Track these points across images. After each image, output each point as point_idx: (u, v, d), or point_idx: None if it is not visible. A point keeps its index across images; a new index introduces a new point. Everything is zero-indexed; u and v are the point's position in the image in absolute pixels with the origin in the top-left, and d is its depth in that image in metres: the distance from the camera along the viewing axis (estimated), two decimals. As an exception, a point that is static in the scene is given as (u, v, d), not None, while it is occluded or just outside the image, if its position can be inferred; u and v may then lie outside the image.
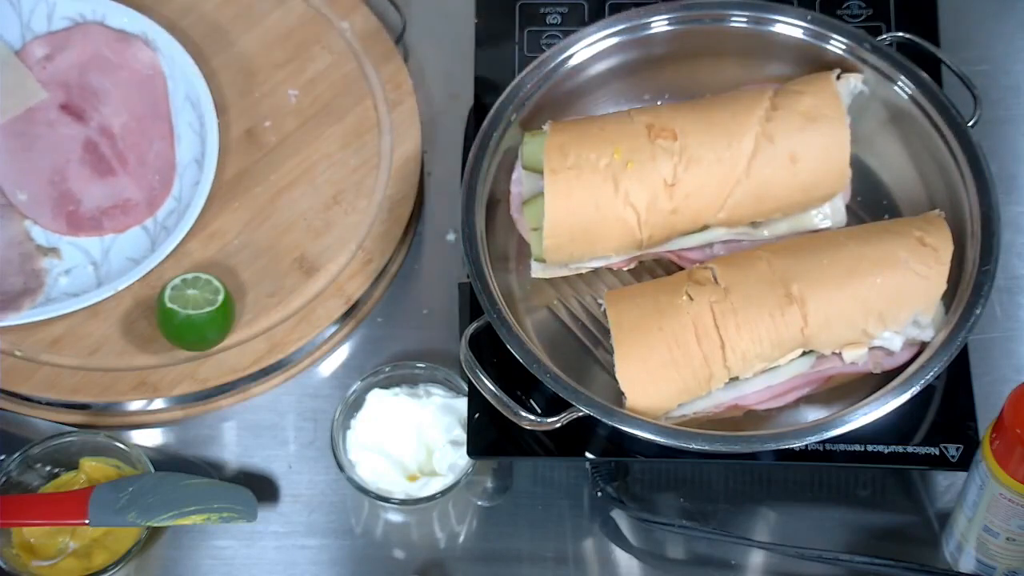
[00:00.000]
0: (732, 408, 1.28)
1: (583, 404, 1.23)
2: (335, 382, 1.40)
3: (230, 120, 1.49)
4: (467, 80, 1.47)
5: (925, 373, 1.25)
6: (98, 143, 1.47)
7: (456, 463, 1.32)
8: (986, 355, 1.39)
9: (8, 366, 1.37)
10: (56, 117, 1.48)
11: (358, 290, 1.42)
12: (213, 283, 1.36)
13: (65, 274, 1.42)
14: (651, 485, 1.35)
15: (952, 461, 1.27)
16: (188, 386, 1.37)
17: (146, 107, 1.49)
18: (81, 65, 1.50)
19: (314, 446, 1.37)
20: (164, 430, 1.39)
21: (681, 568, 1.33)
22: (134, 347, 1.38)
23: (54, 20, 1.51)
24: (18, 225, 1.44)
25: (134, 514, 1.29)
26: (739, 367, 1.26)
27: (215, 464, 1.37)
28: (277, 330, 1.40)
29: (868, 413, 1.23)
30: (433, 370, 1.37)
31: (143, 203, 1.45)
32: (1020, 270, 1.45)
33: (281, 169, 1.47)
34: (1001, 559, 1.26)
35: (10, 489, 1.32)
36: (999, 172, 1.33)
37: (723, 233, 1.35)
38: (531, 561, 1.33)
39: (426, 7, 1.58)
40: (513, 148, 1.37)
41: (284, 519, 1.35)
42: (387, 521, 1.35)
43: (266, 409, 1.39)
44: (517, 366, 1.26)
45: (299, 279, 1.42)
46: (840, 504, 1.34)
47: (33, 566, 1.30)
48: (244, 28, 1.53)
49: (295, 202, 1.46)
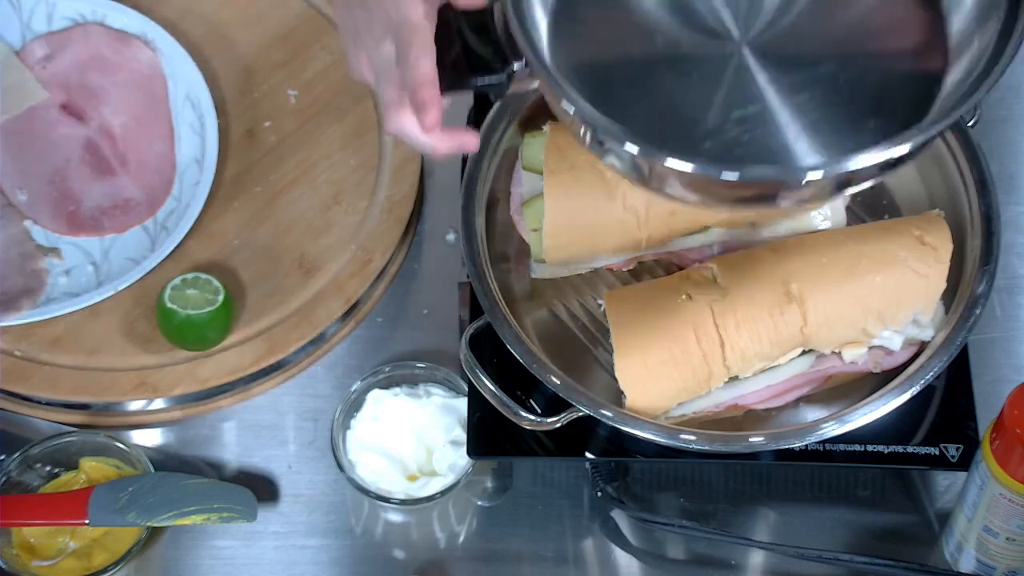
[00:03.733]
0: (732, 408, 1.28)
1: (583, 404, 1.23)
2: (335, 382, 1.40)
3: (230, 120, 1.49)
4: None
5: (925, 373, 1.25)
6: (98, 143, 1.47)
7: (456, 463, 1.32)
8: (986, 355, 1.39)
9: (8, 366, 1.37)
10: (56, 117, 1.48)
11: (358, 290, 1.42)
12: (213, 283, 1.36)
13: (65, 274, 1.42)
14: (651, 485, 1.35)
15: (952, 461, 1.27)
16: (188, 386, 1.37)
17: (146, 107, 1.49)
18: (81, 65, 1.50)
19: (314, 446, 1.37)
20: (164, 430, 1.39)
21: (681, 568, 1.33)
22: (134, 347, 1.39)
23: (54, 20, 1.51)
24: (18, 225, 1.44)
25: (134, 514, 1.29)
26: (738, 366, 1.26)
27: (215, 464, 1.37)
28: (277, 330, 1.40)
29: (868, 413, 1.23)
30: (433, 370, 1.37)
31: (143, 203, 1.45)
32: (1020, 270, 1.45)
33: (281, 169, 1.47)
34: (1001, 559, 1.26)
35: (10, 489, 1.32)
36: (999, 172, 1.34)
37: (723, 233, 1.35)
38: (531, 561, 1.33)
39: (426, 7, 1.58)
40: (513, 148, 1.37)
41: (284, 519, 1.35)
42: (387, 521, 1.35)
43: (266, 409, 1.40)
44: (517, 366, 1.26)
45: (299, 279, 1.42)
46: (840, 504, 1.34)
47: (33, 566, 1.30)
48: (244, 28, 1.54)
49: (295, 202, 1.46)
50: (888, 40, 1.20)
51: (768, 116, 1.14)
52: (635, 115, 1.14)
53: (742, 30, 1.17)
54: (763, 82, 1.15)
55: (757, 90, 1.15)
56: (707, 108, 1.15)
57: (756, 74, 1.15)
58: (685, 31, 1.18)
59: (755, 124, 1.14)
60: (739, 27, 1.17)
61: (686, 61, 1.17)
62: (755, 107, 1.14)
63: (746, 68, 1.16)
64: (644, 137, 1.10)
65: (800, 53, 1.17)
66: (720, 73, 1.15)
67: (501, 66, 1.14)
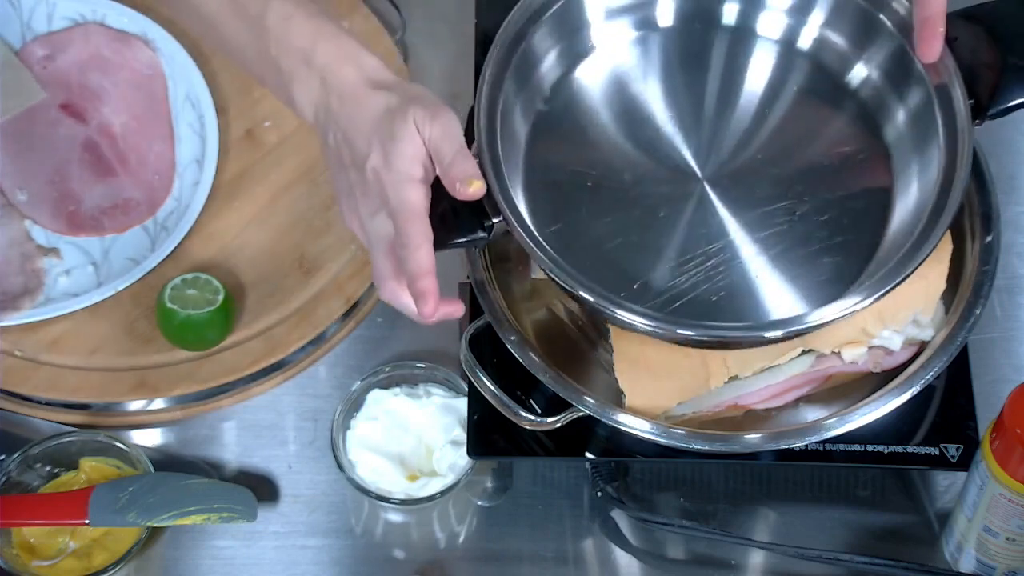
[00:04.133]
0: (732, 407, 1.28)
1: (583, 404, 1.23)
2: (335, 382, 1.40)
3: (230, 120, 1.49)
4: (467, 80, 1.47)
5: (925, 373, 1.25)
6: (98, 143, 1.47)
7: (456, 463, 1.32)
8: (986, 355, 1.39)
9: (8, 366, 1.37)
10: (56, 117, 1.48)
11: (358, 290, 1.42)
12: (213, 283, 1.36)
13: (65, 274, 1.42)
14: (651, 485, 1.35)
15: (952, 461, 1.27)
16: (188, 386, 1.37)
17: (146, 107, 1.49)
18: (81, 65, 1.50)
19: (314, 446, 1.37)
20: (164, 430, 1.39)
21: (681, 568, 1.33)
22: (134, 347, 1.39)
23: (54, 20, 1.51)
24: (18, 225, 1.44)
25: (134, 514, 1.29)
26: (739, 366, 1.26)
27: (215, 464, 1.37)
28: (277, 330, 1.40)
29: (868, 413, 1.23)
30: (433, 370, 1.37)
31: (143, 203, 1.45)
32: (1020, 270, 1.45)
33: (281, 169, 1.47)
34: (1001, 559, 1.26)
35: (10, 489, 1.32)
36: (999, 172, 1.33)
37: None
38: (531, 561, 1.33)
39: (426, 7, 1.58)
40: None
41: (284, 519, 1.35)
42: (387, 521, 1.35)
43: (266, 409, 1.40)
44: (517, 366, 1.26)
45: (299, 279, 1.42)
46: (840, 504, 1.34)
47: (33, 566, 1.30)
48: (244, 28, 1.53)
49: (295, 202, 1.46)
50: (841, 173, 1.27)
51: (733, 253, 1.23)
52: (605, 261, 1.22)
53: (702, 166, 1.26)
54: (725, 217, 1.24)
55: (720, 226, 1.24)
56: (674, 247, 1.23)
57: (719, 210, 1.24)
58: (652, 167, 1.26)
59: (720, 263, 1.22)
60: (699, 163, 1.26)
61: (652, 198, 1.25)
62: (719, 244, 1.23)
63: (709, 204, 1.24)
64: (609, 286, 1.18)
65: (759, 187, 1.25)
66: (683, 210, 1.24)
67: (482, 224, 1.17)
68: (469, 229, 1.17)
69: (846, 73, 1.30)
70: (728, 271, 1.22)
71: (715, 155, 1.27)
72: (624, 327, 1.19)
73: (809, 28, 1.31)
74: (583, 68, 1.31)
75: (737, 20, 1.32)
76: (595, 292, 1.18)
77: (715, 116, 1.29)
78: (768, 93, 1.30)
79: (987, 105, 1.23)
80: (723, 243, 1.23)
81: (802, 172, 1.27)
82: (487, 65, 1.25)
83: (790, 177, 1.26)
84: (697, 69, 1.31)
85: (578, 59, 1.31)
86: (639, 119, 1.29)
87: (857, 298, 1.17)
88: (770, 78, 1.31)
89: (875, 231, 1.24)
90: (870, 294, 1.17)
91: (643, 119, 1.28)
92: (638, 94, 1.30)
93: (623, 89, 1.30)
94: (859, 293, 1.18)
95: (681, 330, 1.18)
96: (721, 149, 1.27)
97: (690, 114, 1.29)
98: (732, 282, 1.22)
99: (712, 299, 1.21)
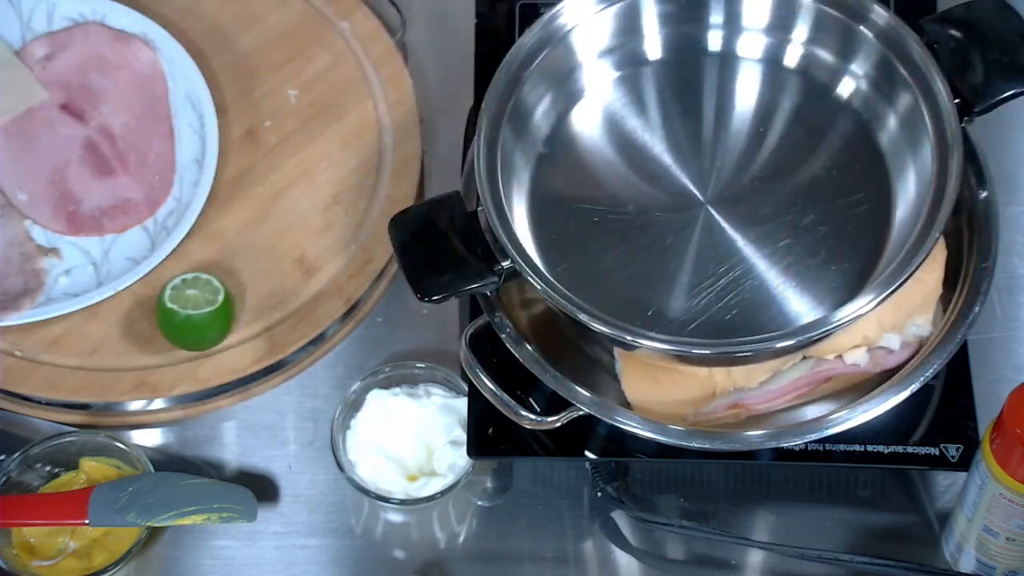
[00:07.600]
0: (732, 408, 1.28)
1: (583, 403, 1.23)
2: (335, 382, 1.40)
3: (230, 120, 1.49)
4: (467, 80, 1.47)
5: (925, 370, 1.25)
6: (98, 143, 1.47)
7: (456, 463, 1.32)
8: (986, 355, 1.39)
9: (8, 366, 1.37)
10: (56, 117, 1.48)
11: (358, 290, 1.42)
12: (213, 283, 1.36)
13: (65, 274, 1.42)
14: (651, 485, 1.35)
15: (952, 461, 1.27)
16: (188, 386, 1.37)
17: (146, 107, 1.49)
18: (81, 65, 1.50)
19: (314, 446, 1.37)
20: (164, 430, 1.39)
21: (681, 568, 1.33)
22: (134, 347, 1.39)
23: (54, 20, 1.51)
24: (18, 225, 1.44)
25: (134, 514, 1.29)
26: (744, 379, 1.25)
27: (215, 464, 1.37)
28: (277, 330, 1.40)
29: (867, 411, 1.23)
30: (433, 370, 1.37)
31: (143, 203, 1.45)
32: (1020, 270, 1.45)
33: (281, 169, 1.47)
34: (1001, 559, 1.26)
35: (10, 489, 1.32)
36: (999, 172, 1.33)
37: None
38: (531, 561, 1.33)
39: (426, 7, 1.58)
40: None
41: (284, 519, 1.35)
42: (387, 521, 1.35)
43: (266, 409, 1.40)
44: (517, 365, 1.26)
45: (299, 279, 1.42)
46: (840, 504, 1.34)
47: (33, 566, 1.30)
48: (244, 28, 1.54)
49: (295, 202, 1.46)
50: (841, 183, 1.29)
51: (742, 271, 1.25)
52: (618, 292, 1.24)
53: (704, 190, 1.27)
54: (731, 237, 1.26)
55: (727, 246, 1.26)
56: (684, 271, 1.25)
57: (724, 230, 1.26)
58: (655, 196, 1.28)
59: (730, 283, 1.25)
60: (701, 188, 1.27)
61: (658, 226, 1.27)
62: (727, 264, 1.25)
63: (715, 226, 1.26)
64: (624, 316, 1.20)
65: (761, 205, 1.27)
66: (690, 234, 1.26)
67: (492, 268, 1.20)
68: (479, 275, 1.20)
69: (835, 86, 1.32)
70: (739, 289, 1.24)
71: (716, 178, 1.28)
72: (643, 354, 1.22)
73: (794, 46, 1.33)
74: (579, 109, 1.33)
75: (723, 46, 1.34)
76: (611, 324, 1.20)
77: (712, 140, 1.31)
78: (761, 112, 1.32)
79: (973, 103, 1.25)
80: (731, 263, 1.25)
81: (802, 186, 1.29)
82: (483, 116, 1.27)
83: (791, 192, 1.28)
84: (690, 97, 1.33)
85: (573, 100, 1.33)
86: (638, 151, 1.30)
87: (861, 303, 1.19)
88: (762, 98, 1.33)
89: (879, 236, 1.26)
90: (873, 298, 1.19)
91: (642, 151, 1.30)
92: (635, 128, 1.32)
93: (620, 124, 1.32)
94: (863, 298, 1.19)
95: (697, 350, 1.20)
96: (721, 171, 1.29)
97: (687, 141, 1.31)
98: (744, 299, 1.24)
99: (726, 318, 1.23)
